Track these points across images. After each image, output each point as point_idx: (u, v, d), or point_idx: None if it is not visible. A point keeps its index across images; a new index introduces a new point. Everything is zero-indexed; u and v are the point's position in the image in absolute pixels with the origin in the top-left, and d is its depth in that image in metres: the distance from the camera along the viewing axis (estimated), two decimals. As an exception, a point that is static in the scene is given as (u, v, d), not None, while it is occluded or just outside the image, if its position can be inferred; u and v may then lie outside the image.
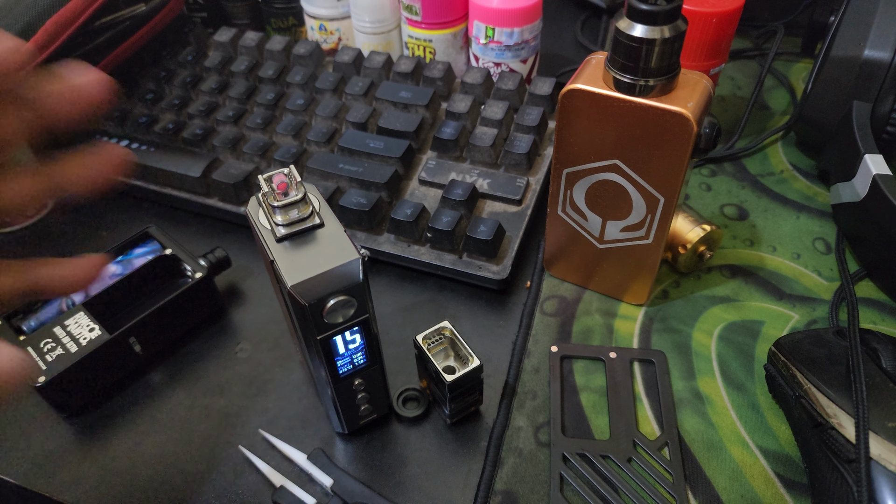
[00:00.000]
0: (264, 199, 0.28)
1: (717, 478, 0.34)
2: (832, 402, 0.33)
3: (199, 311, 0.42)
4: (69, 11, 0.48)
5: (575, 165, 0.37)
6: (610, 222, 0.39)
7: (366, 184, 0.45)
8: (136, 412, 0.38)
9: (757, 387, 0.38)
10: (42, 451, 0.37)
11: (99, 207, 0.52)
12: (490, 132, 0.47)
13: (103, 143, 0.24)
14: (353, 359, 0.31)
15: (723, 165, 0.52)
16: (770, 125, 0.56)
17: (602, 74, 0.33)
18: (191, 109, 0.52)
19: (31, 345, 0.37)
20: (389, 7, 0.55)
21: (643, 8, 0.30)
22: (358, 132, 0.48)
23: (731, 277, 0.44)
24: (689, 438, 0.36)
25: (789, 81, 0.60)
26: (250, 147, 0.48)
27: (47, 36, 0.47)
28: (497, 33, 0.51)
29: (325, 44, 0.60)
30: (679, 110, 0.31)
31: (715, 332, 0.41)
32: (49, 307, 0.41)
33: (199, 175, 0.47)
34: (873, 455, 0.30)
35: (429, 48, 0.55)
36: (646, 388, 0.38)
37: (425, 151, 0.49)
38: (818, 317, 0.42)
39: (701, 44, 0.47)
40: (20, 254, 0.48)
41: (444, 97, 0.51)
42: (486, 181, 0.46)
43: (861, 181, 0.41)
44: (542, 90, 0.49)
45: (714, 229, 0.42)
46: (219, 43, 0.57)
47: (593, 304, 0.43)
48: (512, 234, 0.44)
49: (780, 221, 0.48)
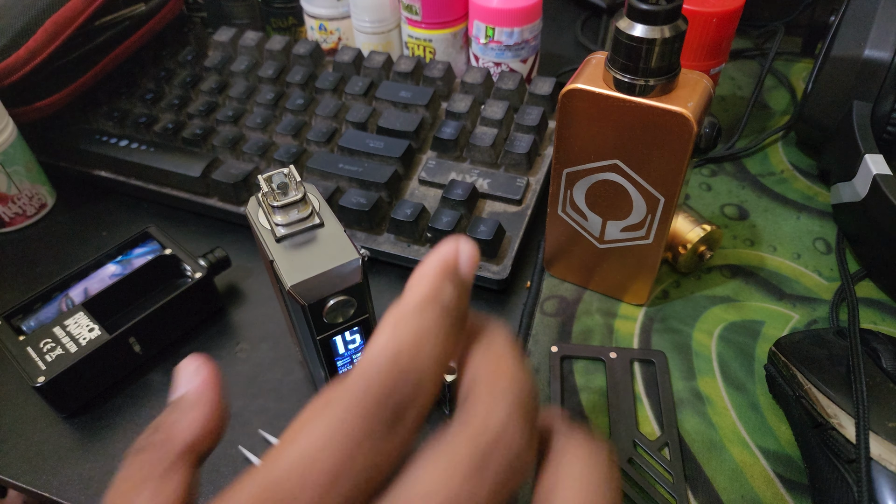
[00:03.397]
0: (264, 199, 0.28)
1: (718, 478, 0.34)
2: (832, 402, 0.33)
3: (199, 311, 0.42)
4: (69, 11, 0.48)
5: (575, 165, 0.37)
6: (610, 222, 0.39)
7: (366, 184, 0.45)
8: (136, 412, 0.38)
9: (757, 387, 0.38)
10: (42, 451, 0.37)
11: (99, 207, 0.52)
12: (490, 132, 0.47)
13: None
14: (353, 359, 0.31)
15: (723, 165, 0.52)
16: (770, 125, 0.56)
17: (602, 74, 0.33)
18: (190, 109, 0.52)
19: (31, 345, 0.37)
20: (389, 7, 0.55)
21: (643, 8, 0.30)
22: (358, 132, 0.48)
23: (731, 277, 0.44)
24: (689, 438, 0.36)
25: (789, 81, 0.60)
26: (250, 147, 0.48)
27: (47, 36, 0.47)
28: (497, 33, 0.51)
29: (325, 44, 0.60)
30: (679, 110, 0.31)
31: (715, 333, 0.41)
32: (49, 307, 0.41)
33: (198, 175, 0.47)
34: (873, 455, 0.30)
35: (429, 48, 0.55)
36: (646, 388, 0.38)
37: (425, 151, 0.49)
38: (818, 317, 0.42)
39: (701, 44, 0.47)
40: (20, 254, 0.48)
41: (444, 97, 0.51)
42: (486, 181, 0.46)
43: (861, 181, 0.41)
44: (542, 90, 0.49)
45: (714, 229, 0.42)
46: (219, 43, 0.57)
47: (593, 304, 0.43)
48: (512, 234, 0.44)
49: (780, 221, 0.48)
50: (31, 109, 0.49)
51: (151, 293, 0.42)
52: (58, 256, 0.48)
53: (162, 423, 0.20)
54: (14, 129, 0.47)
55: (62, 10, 0.47)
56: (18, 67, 0.46)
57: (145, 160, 0.49)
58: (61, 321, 0.38)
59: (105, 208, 0.51)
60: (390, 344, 0.17)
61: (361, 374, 0.17)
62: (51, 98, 0.49)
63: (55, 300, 0.41)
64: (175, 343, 0.42)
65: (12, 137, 0.47)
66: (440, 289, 0.18)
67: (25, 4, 0.47)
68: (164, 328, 0.41)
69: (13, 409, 0.39)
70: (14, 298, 0.44)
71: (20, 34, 0.46)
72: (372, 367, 0.17)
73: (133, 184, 0.50)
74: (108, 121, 0.52)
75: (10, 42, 0.46)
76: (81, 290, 0.41)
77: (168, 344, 0.42)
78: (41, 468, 0.36)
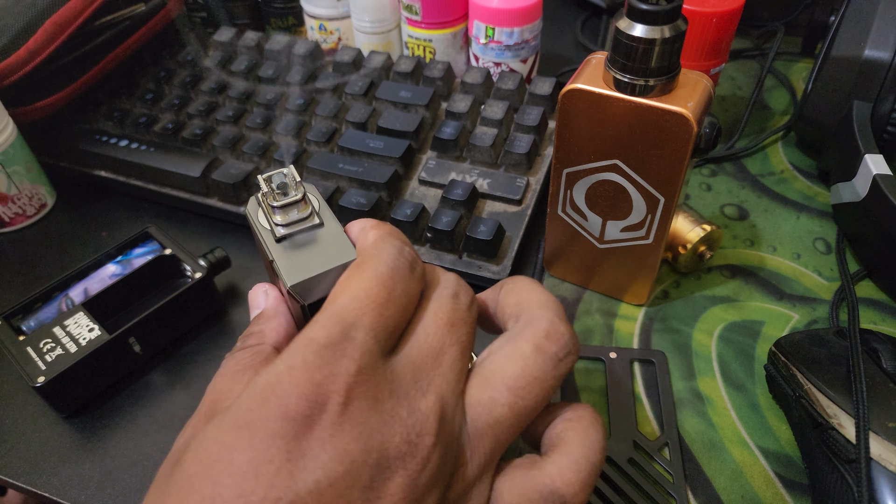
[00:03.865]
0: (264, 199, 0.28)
1: (718, 478, 0.34)
2: (832, 403, 0.33)
3: (199, 311, 0.42)
4: (69, 11, 0.48)
5: (575, 165, 0.37)
6: (610, 222, 0.38)
7: (366, 184, 0.45)
8: (136, 412, 0.38)
9: (757, 387, 0.38)
10: (42, 451, 0.37)
11: (99, 207, 0.52)
12: (490, 132, 0.47)
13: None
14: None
15: (723, 165, 0.52)
16: (770, 125, 0.56)
17: (602, 74, 0.33)
18: (190, 109, 0.52)
19: (31, 345, 0.37)
20: (389, 7, 0.55)
21: (643, 8, 0.30)
22: (358, 132, 0.48)
23: (731, 277, 0.44)
24: (689, 439, 0.36)
25: (789, 81, 0.60)
26: (250, 147, 0.48)
27: (47, 36, 0.47)
28: (497, 33, 0.51)
29: (325, 44, 0.60)
30: (679, 110, 0.31)
31: (715, 333, 0.41)
32: (49, 307, 0.41)
33: (198, 175, 0.47)
34: (873, 455, 0.30)
35: (429, 48, 0.55)
36: (646, 388, 0.38)
37: (425, 151, 0.49)
38: (818, 317, 0.42)
39: (701, 44, 0.47)
40: (20, 254, 0.48)
41: (444, 97, 0.51)
42: (486, 181, 0.46)
43: (861, 181, 0.41)
44: (542, 90, 0.49)
45: (714, 229, 0.42)
46: (218, 43, 0.57)
47: (593, 304, 0.43)
48: (512, 234, 0.44)
49: (780, 221, 0.48)
50: (31, 109, 0.49)
51: (151, 293, 0.42)
52: (58, 256, 0.48)
53: (252, 332, 0.26)
54: (14, 129, 0.47)
55: (62, 10, 0.47)
56: (18, 67, 0.46)
57: (145, 160, 0.49)
58: (61, 321, 0.38)
59: (105, 208, 0.51)
60: (381, 231, 0.26)
61: (376, 245, 0.25)
62: (51, 98, 0.49)
63: (55, 300, 0.41)
64: (175, 343, 0.42)
65: (12, 137, 0.47)
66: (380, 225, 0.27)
67: (25, 4, 0.47)
68: (164, 328, 0.41)
69: (13, 409, 0.39)
70: (14, 298, 0.44)
71: (20, 34, 0.46)
72: (381, 241, 0.25)
73: (133, 184, 0.50)
74: (108, 121, 0.52)
75: (10, 42, 0.46)
76: (81, 290, 0.41)
77: (168, 344, 0.41)
78: (41, 468, 0.36)
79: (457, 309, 0.24)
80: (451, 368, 0.23)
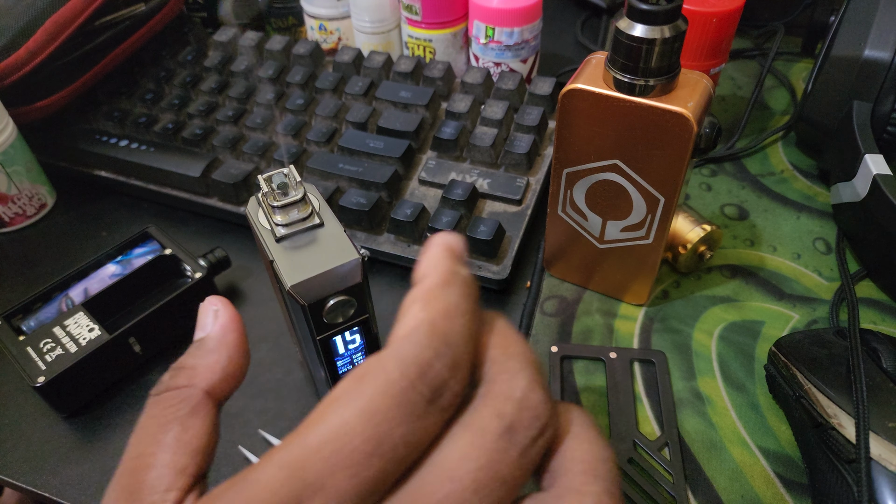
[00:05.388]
0: (264, 199, 0.28)
1: (718, 478, 0.34)
2: (832, 402, 0.33)
3: (199, 311, 0.42)
4: (69, 11, 0.48)
5: (575, 165, 0.37)
6: (610, 222, 0.38)
7: (366, 184, 0.45)
8: (136, 412, 0.38)
9: (757, 387, 0.38)
10: (42, 451, 0.37)
11: (99, 207, 0.52)
12: (490, 132, 0.47)
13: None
14: (353, 359, 0.31)
15: (723, 165, 0.52)
16: (770, 125, 0.56)
17: (602, 74, 0.33)
18: (190, 109, 0.52)
19: (31, 345, 0.37)
20: (389, 7, 0.55)
21: (643, 8, 0.30)
22: (358, 132, 0.48)
23: (731, 277, 0.44)
24: (689, 439, 0.36)
25: (789, 81, 0.60)
26: (250, 147, 0.48)
27: (47, 36, 0.47)
28: (497, 33, 0.51)
29: (325, 44, 0.60)
30: (679, 110, 0.31)
31: (715, 333, 0.41)
32: (49, 307, 0.41)
33: (198, 175, 0.47)
34: (873, 455, 0.30)
35: (429, 48, 0.55)
36: (646, 388, 0.38)
37: (425, 151, 0.49)
38: (818, 317, 0.42)
39: (701, 44, 0.47)
40: (20, 254, 0.48)
41: (444, 97, 0.51)
42: (486, 181, 0.46)
43: (861, 181, 0.41)
44: (542, 90, 0.49)
45: (714, 229, 0.42)
46: (218, 43, 0.57)
47: (593, 305, 0.43)
48: (512, 234, 0.44)
49: (780, 221, 0.48)
50: (31, 109, 0.49)
51: (151, 293, 0.42)
52: (58, 256, 0.48)
53: (183, 365, 0.20)
54: (14, 129, 0.47)
55: (62, 10, 0.47)
56: (18, 67, 0.46)
57: (145, 160, 0.49)
58: (61, 321, 0.38)
59: (105, 208, 0.51)
60: (423, 318, 0.16)
61: (397, 349, 0.16)
62: (51, 98, 0.49)
63: (55, 300, 0.41)
64: (175, 343, 0.42)
65: (12, 137, 0.47)
66: (456, 269, 0.18)
67: (25, 4, 0.47)
68: (164, 328, 0.41)
69: (13, 409, 0.39)
70: (14, 298, 0.45)
71: (20, 34, 0.46)
72: (407, 342, 0.16)
73: (133, 184, 0.50)
74: (108, 121, 0.52)
75: (10, 42, 0.46)
76: (81, 290, 0.41)
77: (168, 344, 0.41)
78: (41, 468, 0.36)
79: (500, 459, 0.15)
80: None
